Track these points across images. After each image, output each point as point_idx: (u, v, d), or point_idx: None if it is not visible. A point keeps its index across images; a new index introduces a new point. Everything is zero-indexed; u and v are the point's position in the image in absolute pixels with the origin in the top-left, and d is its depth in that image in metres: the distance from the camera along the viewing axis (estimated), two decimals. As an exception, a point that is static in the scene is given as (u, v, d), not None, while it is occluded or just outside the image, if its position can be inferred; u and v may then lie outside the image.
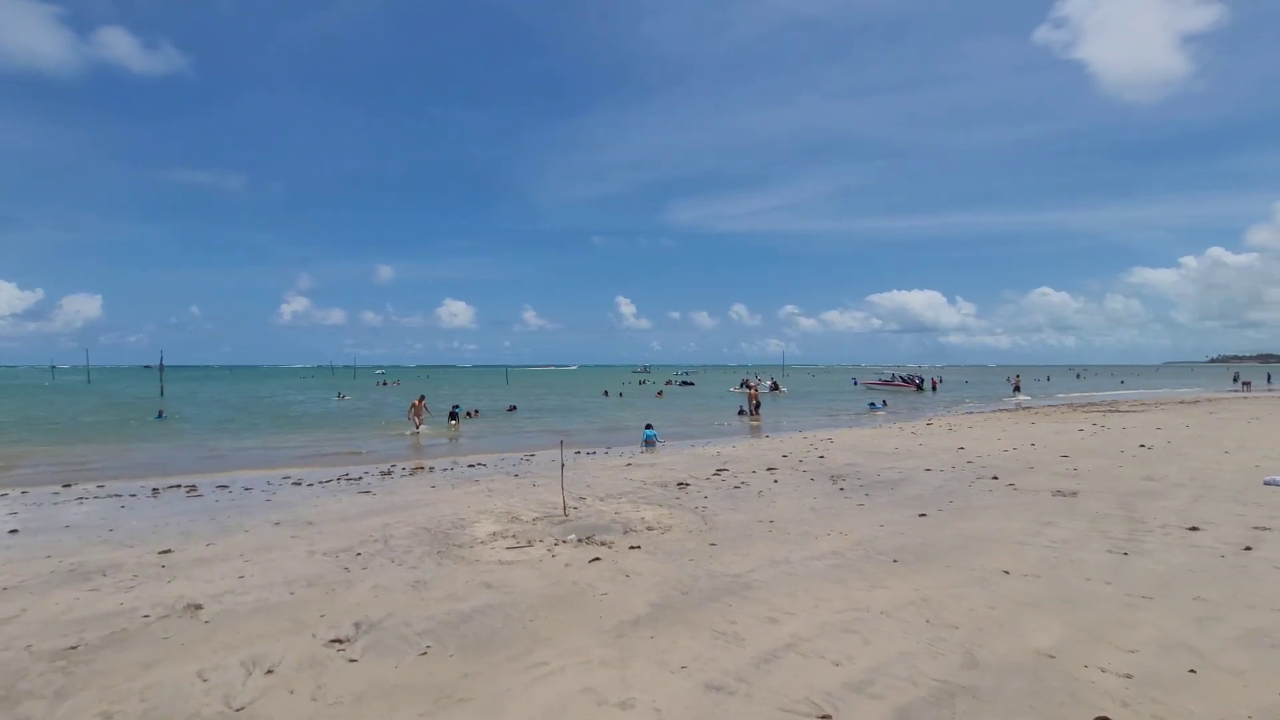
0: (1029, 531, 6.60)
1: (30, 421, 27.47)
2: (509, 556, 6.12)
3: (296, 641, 4.18)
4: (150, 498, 10.22)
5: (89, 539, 7.32)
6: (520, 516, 7.90)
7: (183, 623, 4.58)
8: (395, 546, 6.60)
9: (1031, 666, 3.57)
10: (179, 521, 8.22)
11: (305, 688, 3.54)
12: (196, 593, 5.21)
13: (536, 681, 3.55)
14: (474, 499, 9.26)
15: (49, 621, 4.67)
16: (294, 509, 8.85)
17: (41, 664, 3.92)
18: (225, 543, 6.99)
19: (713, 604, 4.71)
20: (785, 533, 6.79)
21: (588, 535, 6.83)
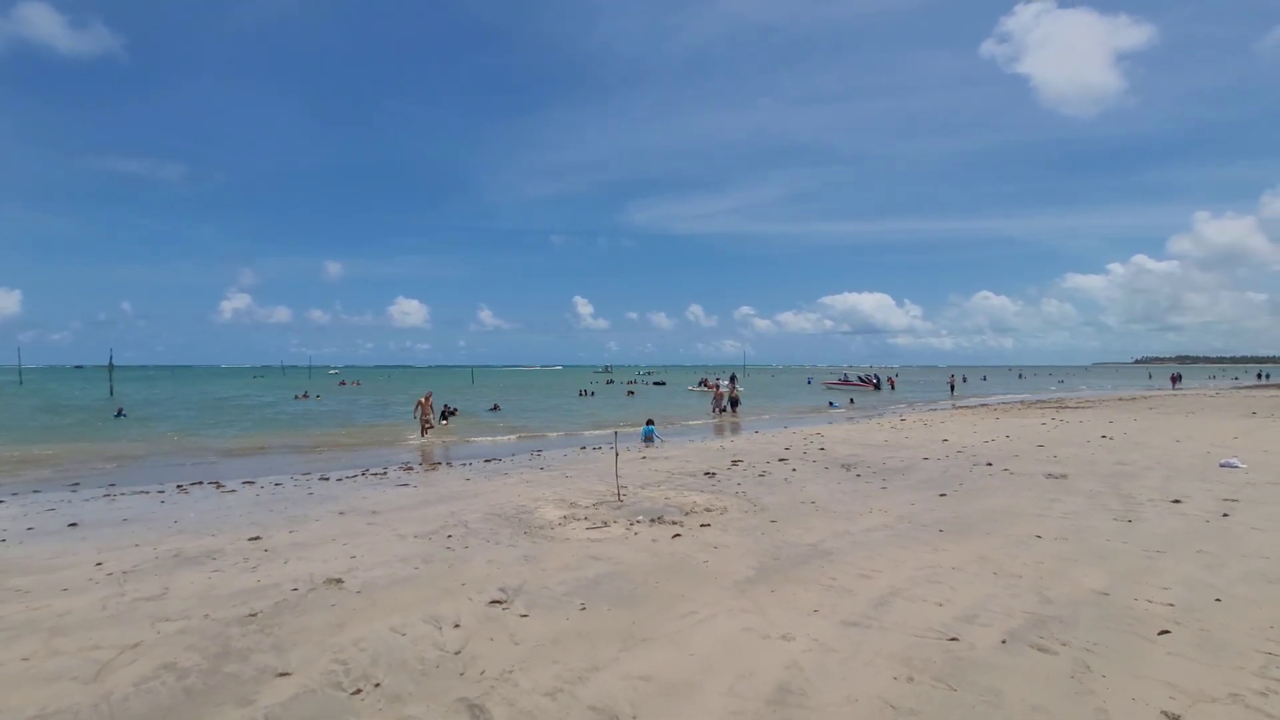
0: (1040, 506, 7.56)
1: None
2: (595, 535, 6.69)
3: (459, 604, 4.69)
4: (182, 494, 10.30)
5: (162, 530, 7.51)
6: (577, 503, 8.45)
7: (335, 593, 5.01)
8: (478, 530, 7.08)
9: (1094, 601, 4.41)
10: (237, 514, 8.44)
11: (499, 636, 4.08)
12: (324, 570, 5.61)
13: (697, 625, 4.19)
14: (517, 489, 9.74)
15: (203, 596, 5.02)
16: (345, 501, 9.15)
17: (235, 628, 4.32)
18: (306, 530, 7.32)
19: (806, 566, 5.42)
20: (831, 511, 7.57)
21: (655, 517, 7.45)
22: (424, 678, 3.51)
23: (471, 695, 3.29)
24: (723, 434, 20.41)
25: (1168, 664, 3.45)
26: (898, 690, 3.24)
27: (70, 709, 3.26)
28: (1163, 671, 3.36)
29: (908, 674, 3.40)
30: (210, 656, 3.86)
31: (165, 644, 4.07)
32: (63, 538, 7.22)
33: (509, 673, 3.54)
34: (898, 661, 3.55)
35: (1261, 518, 6.69)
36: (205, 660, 3.81)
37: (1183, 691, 3.15)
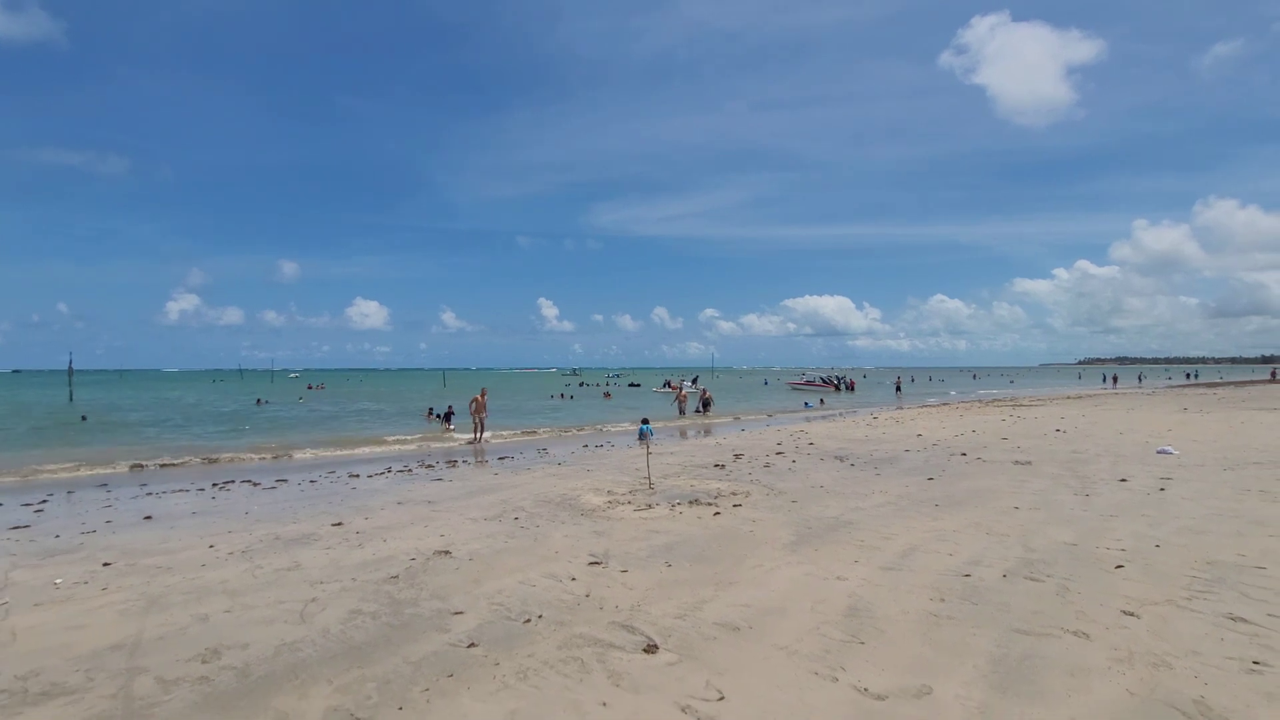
0: (1013, 486, 8.92)
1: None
2: (644, 515, 7.73)
3: (563, 565, 5.68)
4: (223, 490, 10.88)
5: (239, 520, 8.21)
6: (613, 491, 9.46)
7: (450, 561, 5.93)
8: (536, 513, 8.03)
9: (1066, 550, 5.67)
10: (298, 505, 9.16)
11: (614, 584, 5.09)
12: (428, 545, 6.51)
13: (767, 573, 5.28)
14: (548, 481, 10.68)
15: (335, 565, 5.88)
16: (393, 494, 9.94)
17: (387, 586, 5.22)
18: (379, 517, 8.13)
19: (835, 533, 6.58)
20: (840, 493, 8.78)
21: (691, 500, 8.53)
22: (573, 611, 4.51)
23: (619, 619, 4.31)
24: (709, 433, 21.60)
25: (1123, 585, 4.71)
26: (935, 606, 4.39)
27: (303, 640, 4.15)
28: (1120, 590, 4.61)
29: (939, 596, 4.57)
30: (386, 604, 4.77)
31: (339, 598, 4.95)
32: (150, 528, 7.87)
33: (638, 606, 4.57)
34: (930, 589, 4.72)
35: (1190, 491, 8.15)
36: (385, 607, 4.72)
37: (1135, 600, 4.39)
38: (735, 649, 3.81)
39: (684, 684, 3.37)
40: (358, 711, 3.19)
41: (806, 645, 3.82)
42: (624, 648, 3.85)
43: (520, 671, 3.57)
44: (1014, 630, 3.95)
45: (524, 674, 3.54)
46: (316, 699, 3.33)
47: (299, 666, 3.74)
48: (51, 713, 3.28)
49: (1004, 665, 3.50)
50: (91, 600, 5.08)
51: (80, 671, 3.76)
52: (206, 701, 3.35)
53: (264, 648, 4.02)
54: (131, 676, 3.66)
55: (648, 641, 3.92)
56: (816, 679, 3.39)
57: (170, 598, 5.08)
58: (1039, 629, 3.97)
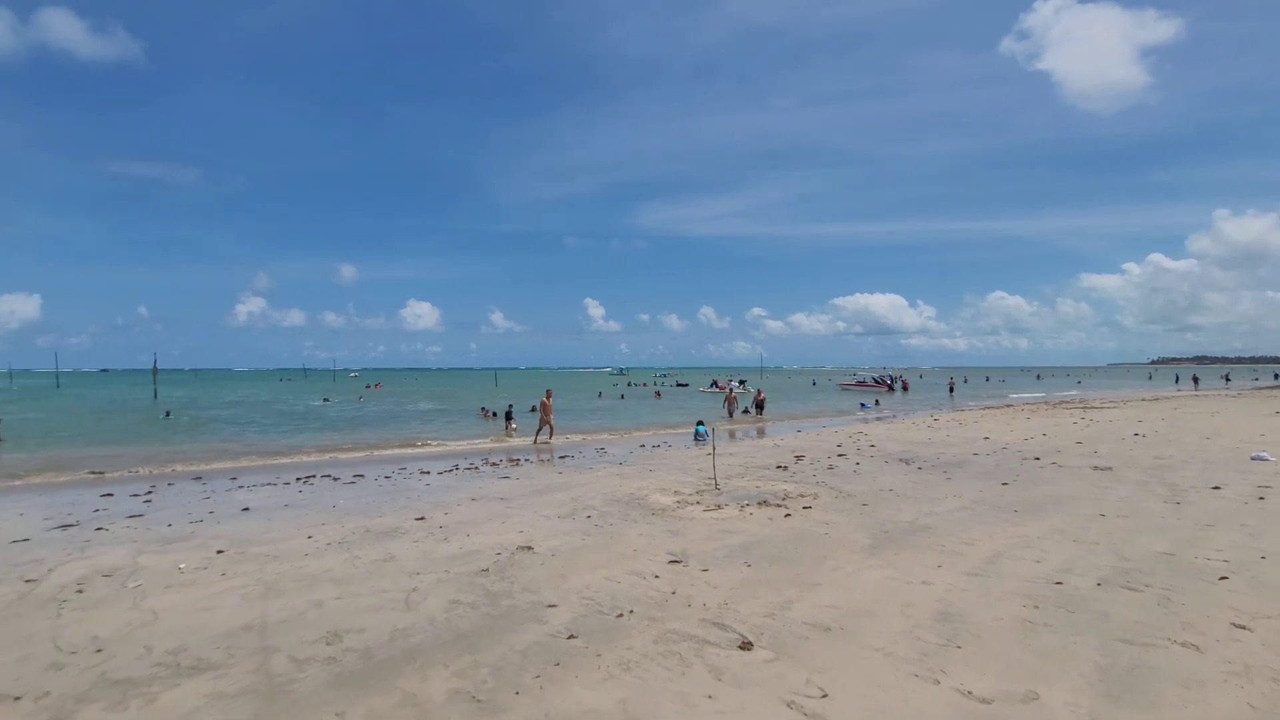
0: (1095, 493, 8.61)
1: (61, 426, 27.62)
2: (715, 515, 7.82)
3: (643, 563, 5.83)
4: (307, 485, 11.50)
5: (328, 513, 8.69)
6: (680, 491, 9.58)
7: (533, 557, 6.16)
8: (607, 512, 8.22)
9: (1162, 559, 5.48)
10: (380, 500, 9.62)
11: (697, 583, 5.21)
12: (510, 540, 6.77)
13: (849, 576, 5.30)
14: (612, 481, 10.88)
15: (427, 558, 6.19)
16: (465, 490, 10.32)
17: (479, 578, 5.49)
18: (456, 513, 8.48)
19: (913, 537, 6.52)
20: (911, 497, 8.66)
21: (760, 501, 8.58)
22: (662, 607, 4.66)
23: (709, 617, 4.43)
24: (762, 435, 21.46)
25: (1230, 597, 4.54)
26: (1030, 613, 4.34)
27: (412, 626, 4.42)
28: (1227, 601, 4.45)
29: (1033, 603, 4.51)
30: (482, 595, 5.02)
31: (437, 588, 5.23)
32: (250, 519, 8.42)
33: (725, 604, 4.67)
34: (1021, 596, 4.66)
35: (1294, 501, 7.71)
36: (481, 598, 4.97)
37: (1245, 613, 4.23)
38: (830, 649, 3.87)
39: (785, 681, 3.46)
40: (477, 694, 3.41)
41: (902, 648, 3.85)
42: (719, 644, 3.96)
43: (623, 663, 3.73)
44: (1117, 640, 3.88)
45: (626, 666, 3.70)
46: (437, 681, 3.57)
47: (415, 651, 4.00)
48: (205, 685, 3.62)
49: (1112, 674, 3.45)
50: (214, 585, 5.52)
51: (220, 649, 4.12)
52: (338, 680, 3.64)
53: (379, 633, 4.31)
54: (267, 655, 4.00)
55: (741, 639, 4.02)
56: (918, 681, 3.42)
57: (283, 584, 5.47)
58: (1144, 639, 3.88)
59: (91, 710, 3.36)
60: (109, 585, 5.57)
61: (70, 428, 26.19)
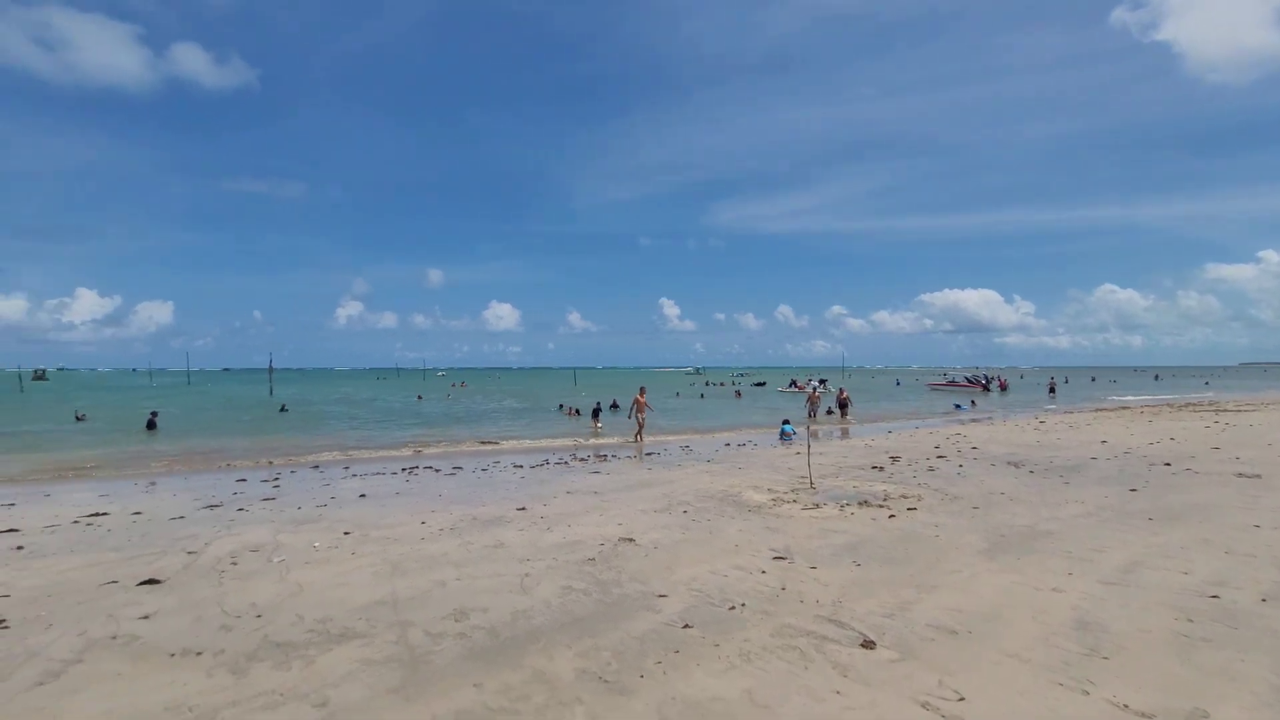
0: (1244, 502, 7.78)
1: (196, 419, 30.61)
2: (815, 514, 7.67)
3: (747, 559, 5.80)
4: (412, 475, 12.18)
5: (435, 501, 9.19)
6: (774, 489, 9.46)
7: (636, 549, 6.26)
8: (702, 508, 8.23)
9: (1339, 576, 4.89)
10: (479, 490, 10.07)
11: (806, 580, 5.13)
12: (612, 532, 6.92)
13: (968, 580, 5.06)
14: (702, 478, 10.87)
15: (534, 546, 6.43)
16: (559, 484, 10.62)
17: (587, 567, 5.64)
18: (554, 505, 8.75)
19: (1035, 542, 6.14)
20: (1026, 501, 8.14)
21: (861, 501, 8.33)
22: (774, 602, 4.62)
23: (824, 614, 4.36)
24: (847, 435, 20.77)
25: None
26: (1182, 626, 3.99)
27: (531, 609, 4.61)
28: None
29: (1186, 616, 4.14)
30: (593, 583, 5.17)
31: (548, 575, 5.43)
32: (367, 505, 9.03)
33: (839, 602, 4.58)
34: (1171, 609, 4.29)
35: None
36: (592, 585, 5.11)
37: None
38: (958, 652, 3.72)
39: (914, 682, 3.36)
40: (604, 675, 3.51)
41: (1040, 655, 3.64)
42: (839, 641, 3.89)
43: (742, 654, 3.73)
44: (1295, 660, 3.50)
45: (747, 656, 3.70)
46: (563, 661, 3.71)
47: (537, 632, 4.17)
48: (354, 651, 3.93)
49: (1293, 697, 3.12)
50: (346, 562, 5.97)
51: (362, 620, 4.46)
52: (471, 654, 3.85)
53: (501, 613, 4.53)
54: (404, 628, 4.29)
55: (863, 637, 3.93)
56: (1063, 690, 3.23)
57: (407, 564, 5.84)
58: (1328, 661, 3.49)
59: (261, 668, 3.73)
60: (257, 559, 6.14)
61: (203, 420, 29.00)
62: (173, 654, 3.95)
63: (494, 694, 3.34)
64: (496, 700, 3.27)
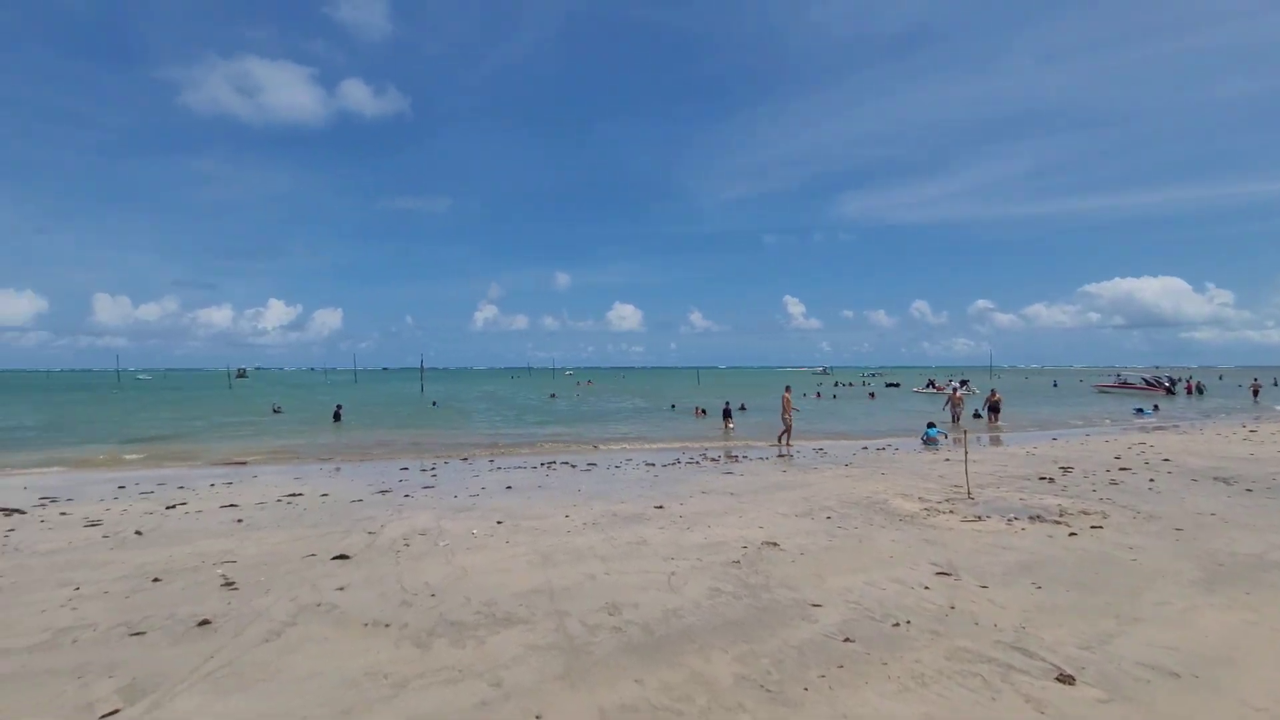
0: None
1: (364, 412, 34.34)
2: (978, 527, 7.01)
3: (905, 571, 5.42)
4: (550, 470, 12.74)
5: (575, 495, 9.53)
6: (925, 498, 8.80)
7: (782, 553, 6.07)
8: (848, 514, 7.82)
9: None
10: (616, 488, 10.30)
11: (977, 599, 4.69)
12: (753, 535, 6.78)
13: (1184, 613, 4.35)
14: (841, 483, 10.35)
15: (675, 544, 6.45)
16: (694, 483, 10.60)
17: (732, 569, 5.55)
18: (691, 504, 8.73)
19: (1268, 575, 5.16)
20: (1246, 525, 6.90)
21: (1033, 515, 7.52)
22: (943, 622, 4.26)
23: (1005, 639, 3.94)
24: (998, 442, 18.85)
25: None
26: None
27: (681, 608, 4.61)
28: None
29: None
30: (740, 586, 5.07)
31: (695, 575, 5.41)
32: (514, 496, 9.58)
33: (1022, 628, 4.12)
34: None
35: None
36: (740, 589, 5.02)
37: None
38: (1184, 698, 3.19)
39: (1131, 728, 2.92)
40: (765, 684, 3.41)
41: (1299, 713, 3.03)
42: (1028, 672, 3.49)
43: (915, 676, 3.46)
44: None
45: (921, 680, 3.43)
46: (720, 665, 3.66)
47: (690, 632, 4.15)
48: (519, 635, 4.14)
49: None
50: (502, 550, 6.35)
51: (522, 606, 4.70)
52: (627, 648, 3.91)
53: (652, 609, 4.57)
54: (561, 617, 4.46)
55: (1057, 670, 3.50)
56: (1340, 760, 2.65)
57: (557, 556, 6.09)
58: None
59: (440, 644, 4.04)
60: (425, 542, 6.70)
61: (372, 414, 32.47)
62: (365, 624, 4.40)
63: (656, 691, 3.36)
64: (659, 698, 3.28)
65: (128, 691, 3.43)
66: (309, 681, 3.54)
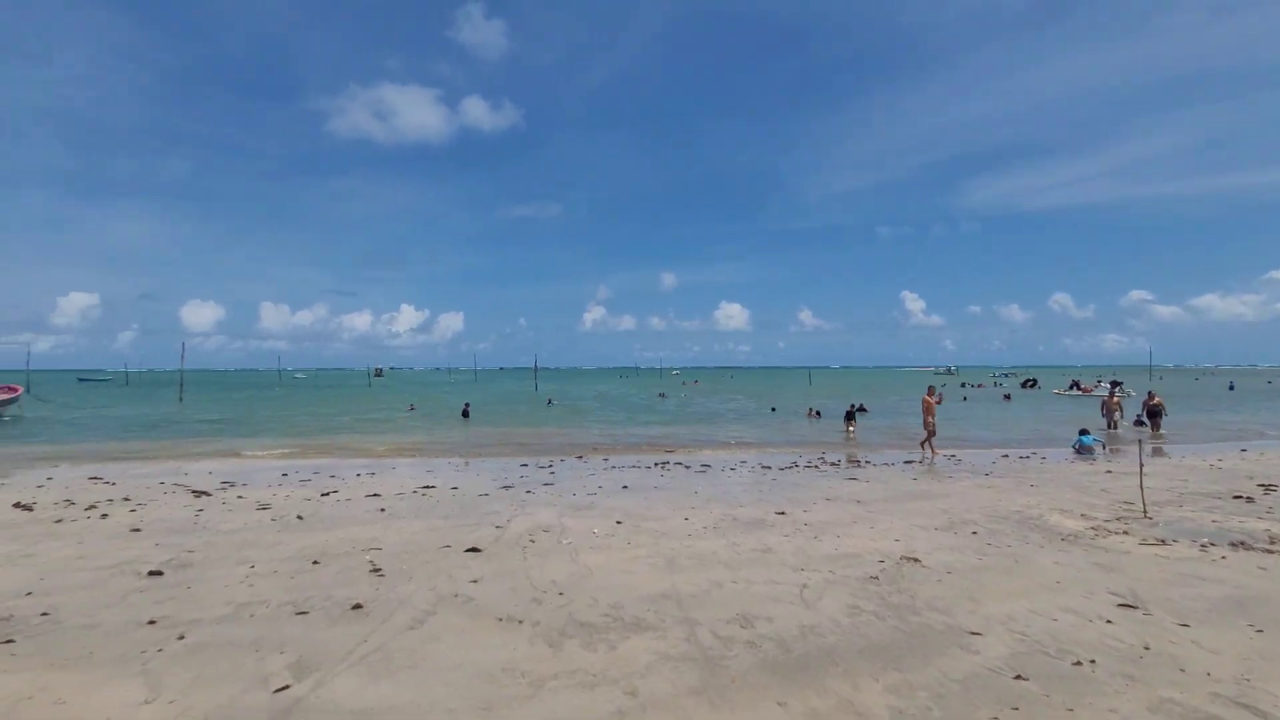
0: None
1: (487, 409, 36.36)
2: (1160, 553, 6.07)
3: (1082, 600, 4.76)
4: (661, 470, 12.66)
5: (692, 498, 9.36)
6: (1089, 514, 7.79)
7: (925, 571, 5.56)
8: (998, 530, 7.07)
9: None
10: (733, 490, 10.02)
11: (1178, 641, 4.00)
12: (888, 549, 6.29)
13: None
14: (985, 493, 9.42)
15: (804, 553, 6.11)
16: (816, 488, 10.09)
17: (870, 585, 5.15)
18: (815, 511, 8.29)
19: None
20: None
21: (1233, 541, 6.42)
22: (1138, 665, 3.65)
23: (1224, 692, 3.30)
24: (1160, 453, 16.41)
25: None
26: None
27: (819, 626, 4.31)
28: None
29: None
30: (883, 606, 4.68)
31: (829, 589, 5.07)
32: (631, 496, 9.59)
33: (1245, 679, 3.44)
34: None
35: None
36: (883, 608, 4.63)
37: None
38: None
39: None
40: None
41: None
42: (1265, 737, 2.89)
43: (1112, 729, 2.97)
44: None
45: (1120, 733, 2.93)
46: (871, 694, 3.34)
47: (831, 653, 3.85)
48: (649, 642, 4.05)
49: None
50: (624, 551, 6.32)
51: (650, 611, 4.60)
52: (765, 666, 3.69)
53: (787, 625, 4.31)
54: (691, 626, 4.31)
55: (1306, 738, 2.86)
56: None
57: (680, 560, 5.96)
58: None
59: (572, 644, 4.03)
60: (549, 539, 6.83)
61: (493, 412, 34.29)
62: (499, 619, 4.49)
63: (801, 717, 3.12)
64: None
65: (296, 668, 3.70)
66: (451, 673, 3.64)
